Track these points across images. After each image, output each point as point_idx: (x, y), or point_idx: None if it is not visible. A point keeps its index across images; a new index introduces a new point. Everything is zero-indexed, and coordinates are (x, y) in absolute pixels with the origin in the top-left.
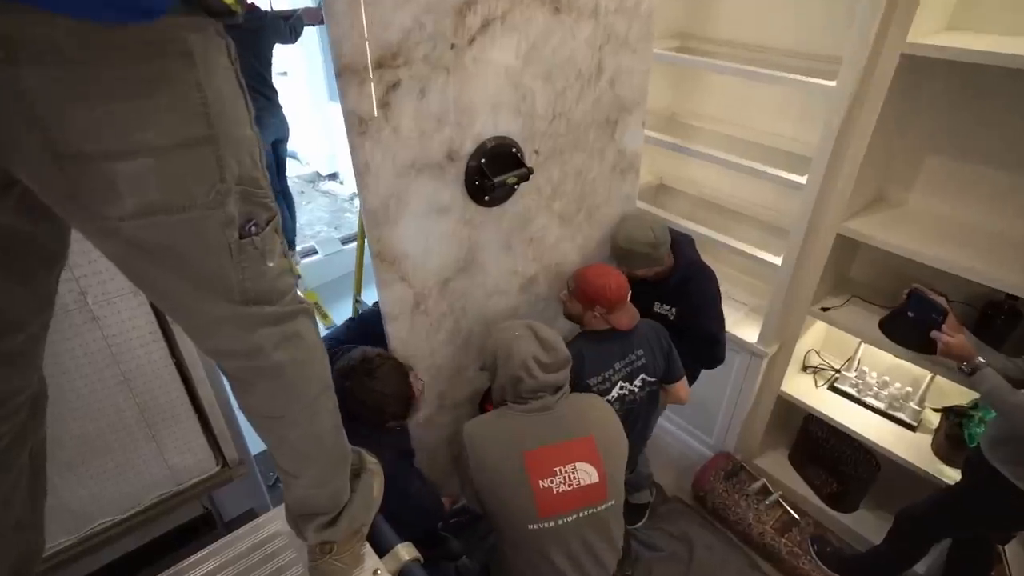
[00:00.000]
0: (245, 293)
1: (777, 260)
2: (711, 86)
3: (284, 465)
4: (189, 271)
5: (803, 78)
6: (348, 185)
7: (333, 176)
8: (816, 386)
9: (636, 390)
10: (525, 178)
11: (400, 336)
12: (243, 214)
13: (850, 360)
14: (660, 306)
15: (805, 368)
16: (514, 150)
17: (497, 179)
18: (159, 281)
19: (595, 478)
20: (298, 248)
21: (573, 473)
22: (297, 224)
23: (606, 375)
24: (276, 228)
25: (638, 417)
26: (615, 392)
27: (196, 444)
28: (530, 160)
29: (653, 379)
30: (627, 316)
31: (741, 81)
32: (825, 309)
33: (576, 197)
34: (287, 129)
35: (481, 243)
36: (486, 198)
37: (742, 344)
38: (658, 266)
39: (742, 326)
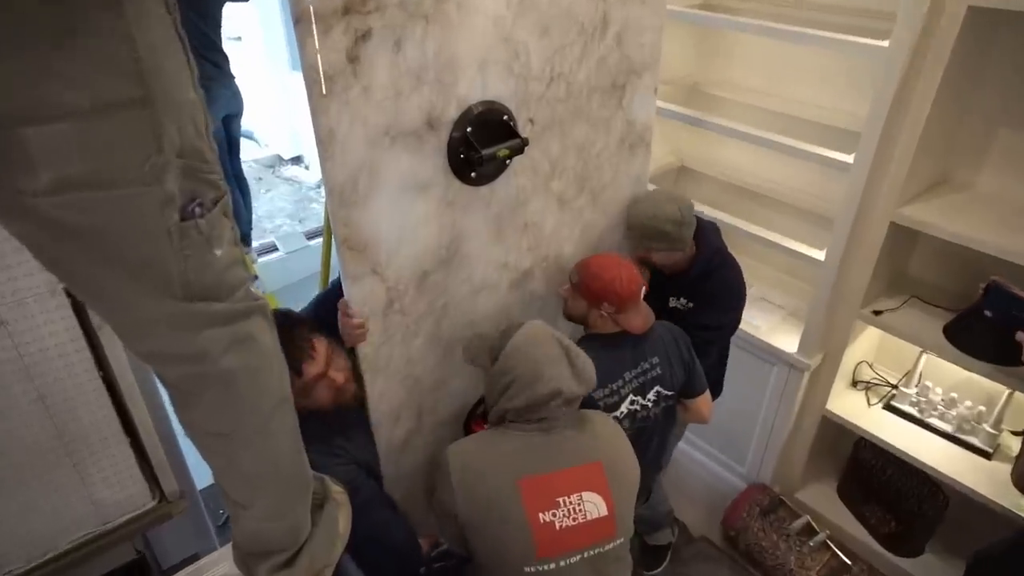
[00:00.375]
0: (188, 287)
1: (820, 254)
2: (740, 49)
3: (233, 493)
4: (120, 259)
5: (850, 38)
6: (314, 171)
7: (297, 160)
8: (869, 405)
9: (649, 405)
10: (519, 151)
11: (371, 341)
12: (185, 192)
13: (909, 374)
14: (676, 300)
15: (855, 383)
16: (505, 117)
17: (486, 151)
18: (84, 271)
19: (604, 511)
20: (254, 244)
21: (579, 505)
22: (253, 216)
23: (614, 387)
24: (225, 210)
25: (652, 437)
26: (624, 407)
27: (128, 474)
28: (524, 130)
29: (670, 392)
30: (640, 317)
31: (776, 43)
32: (878, 312)
33: (578, 176)
34: (241, 103)
35: (466, 229)
36: (472, 174)
37: (779, 355)
38: (680, 251)
39: (779, 333)
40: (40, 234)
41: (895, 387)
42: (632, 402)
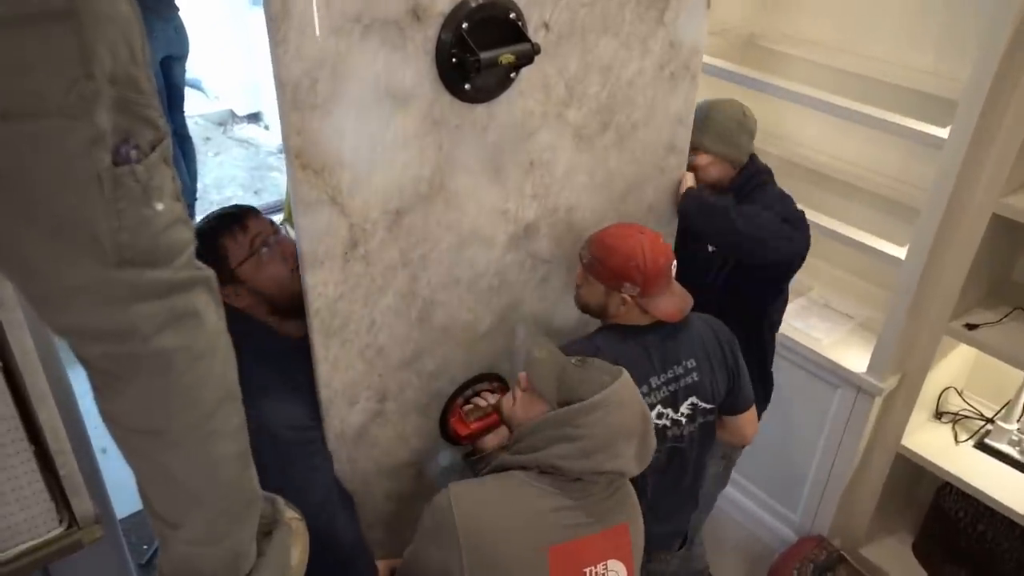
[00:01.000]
0: (120, 248)
1: (901, 252)
2: None
3: (160, 507)
4: (38, 211)
5: None
6: (275, 132)
7: (254, 118)
8: (956, 441)
9: (683, 421)
10: (527, 59)
11: (324, 293)
12: (118, 130)
13: (1010, 405)
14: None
15: (939, 414)
16: (513, 16)
17: (484, 55)
18: None
19: (623, 574)
20: (199, 218)
21: (605, 572)
22: (199, 184)
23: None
24: (165, 156)
25: (686, 463)
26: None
27: (29, 491)
28: (536, 35)
29: (709, 406)
30: (673, 300)
31: None
32: (972, 327)
33: (601, 107)
34: (185, 43)
35: (456, 160)
36: (467, 86)
37: (844, 375)
38: (734, 165)
39: (844, 348)
40: None
41: (990, 421)
42: (660, 416)
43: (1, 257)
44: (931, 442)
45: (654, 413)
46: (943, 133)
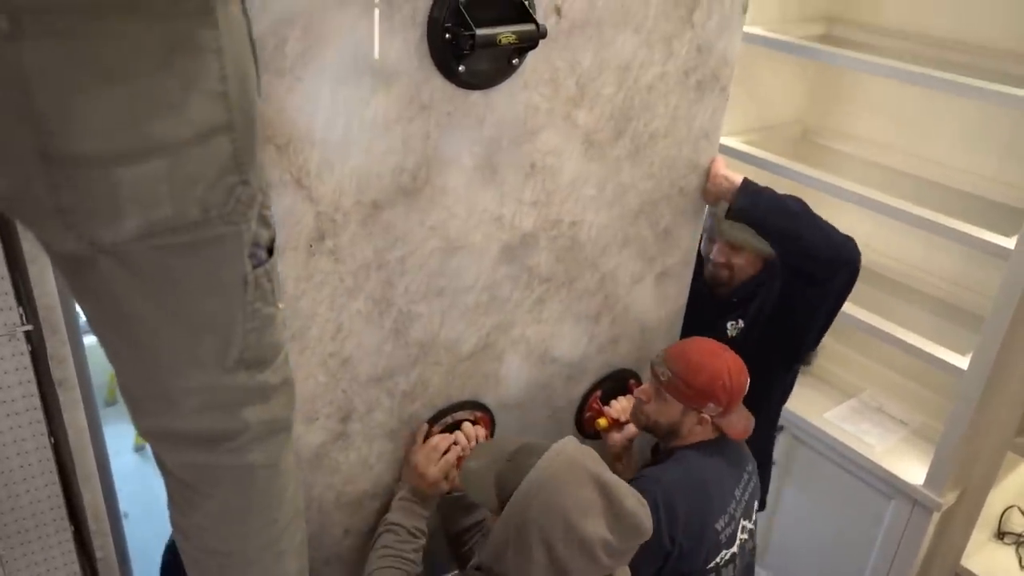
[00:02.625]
0: (245, 350)
1: (963, 361)
2: (865, 93)
3: None
4: (184, 311)
5: (1016, 91)
6: None
7: None
8: (1021, 565)
9: (752, 527)
10: (531, 43)
11: (285, 289)
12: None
13: None
14: (733, 323)
15: (1002, 535)
16: None
17: (481, 32)
18: (142, 329)
19: None
20: None
21: None
22: None
23: (731, 512)
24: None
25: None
26: (739, 538)
27: (63, 573)
28: (547, 21)
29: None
30: (743, 418)
31: (914, 91)
32: None
33: (617, 111)
34: None
35: (444, 152)
36: (461, 68)
37: (899, 486)
38: (761, 259)
39: (899, 457)
40: (105, 286)
41: None
42: (743, 530)
43: (126, 355)
44: (993, 564)
45: (740, 529)
46: (1009, 243)
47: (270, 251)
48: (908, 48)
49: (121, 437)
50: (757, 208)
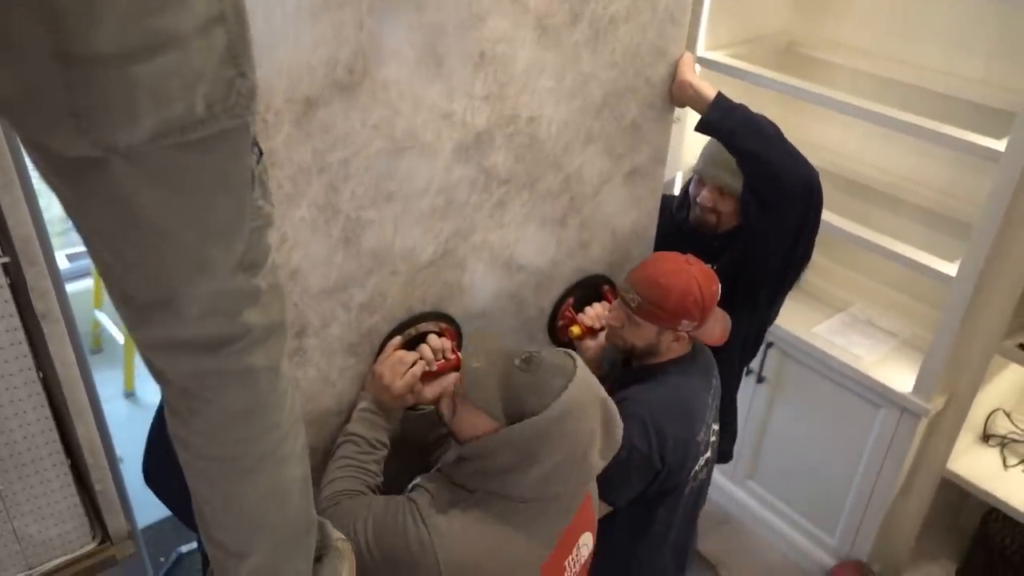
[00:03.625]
0: (246, 252)
1: (951, 268)
2: (852, 1)
3: (224, 537)
4: (197, 214)
5: None
6: None
7: None
8: (1005, 466)
9: (717, 428)
10: None
11: None
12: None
13: None
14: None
15: (987, 437)
16: None
17: None
18: (149, 230)
19: (591, 544)
20: None
21: (577, 554)
22: None
23: (707, 423)
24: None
25: (702, 492)
26: (710, 443)
27: (64, 505)
28: None
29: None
30: (719, 323)
31: None
32: None
33: None
34: None
35: (383, 43)
36: None
37: (888, 394)
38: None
39: (887, 367)
40: (112, 194)
41: None
42: (713, 432)
43: (132, 262)
44: (978, 466)
45: (711, 433)
46: (999, 145)
47: (259, 148)
48: None
49: (109, 383)
50: (728, 124)
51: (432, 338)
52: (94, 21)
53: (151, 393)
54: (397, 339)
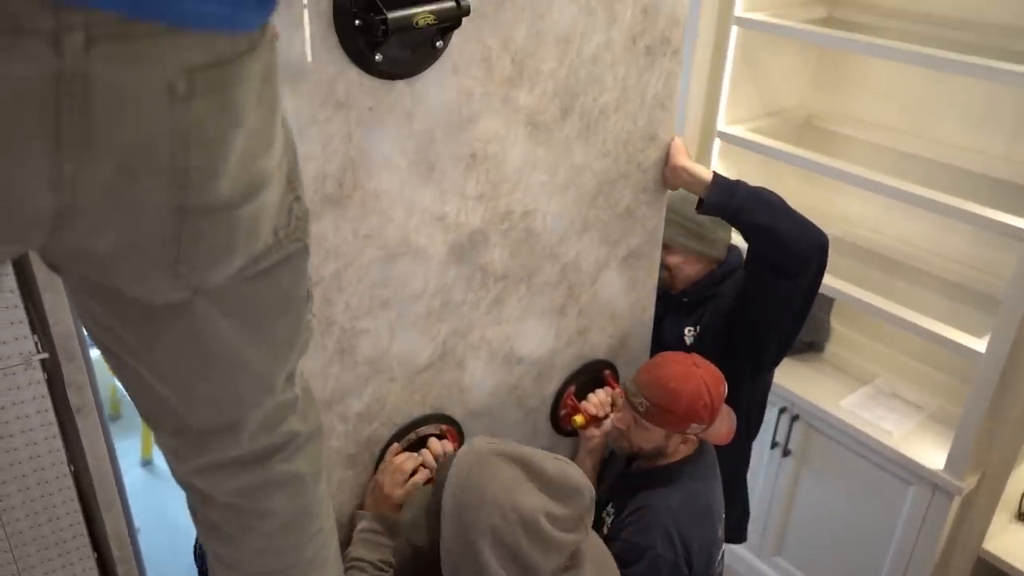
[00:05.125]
0: (295, 365)
1: (980, 344)
2: (870, 77)
3: None
4: (267, 338)
5: None
6: None
7: None
8: None
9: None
10: (453, 21)
11: None
12: None
13: None
14: (692, 330)
15: (1022, 516)
16: None
17: (394, 15)
18: (223, 361)
19: None
20: None
21: None
22: None
23: (721, 525)
24: None
25: None
26: (722, 549)
27: None
28: None
29: None
30: (726, 419)
31: (918, 71)
32: None
33: (560, 87)
34: None
35: (372, 153)
36: (378, 57)
37: (919, 472)
38: (707, 258)
39: (917, 442)
40: (193, 330)
41: None
42: (722, 523)
43: (201, 394)
44: (1015, 545)
45: (722, 535)
46: (1021, 223)
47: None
48: (910, 28)
49: (127, 453)
50: (734, 203)
51: (433, 442)
52: (215, 176)
53: None
54: (396, 445)
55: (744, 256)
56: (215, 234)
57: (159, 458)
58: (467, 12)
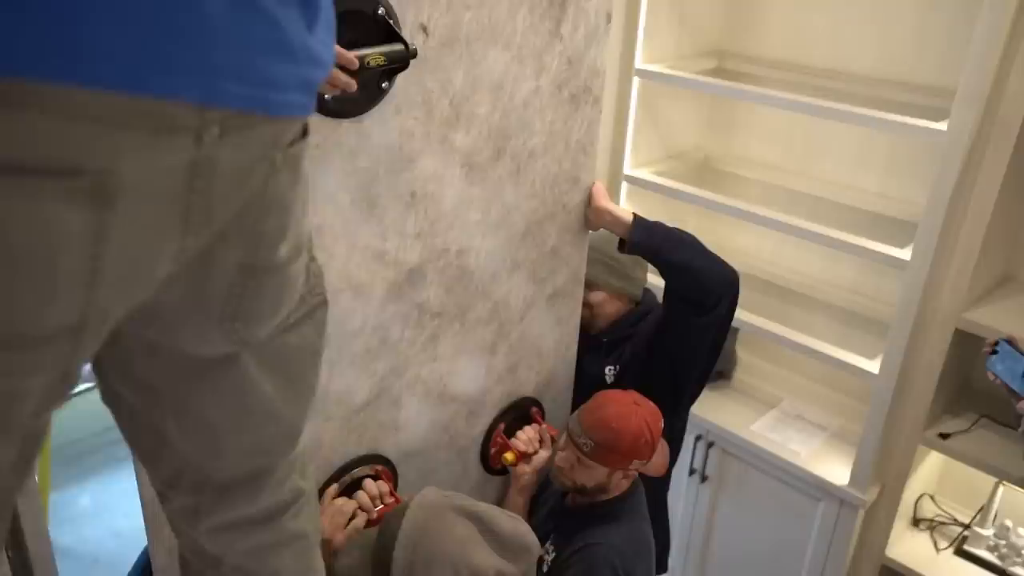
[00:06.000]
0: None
1: (872, 366)
2: (761, 121)
3: None
4: (296, 389)
5: (901, 118)
6: None
7: None
8: (937, 549)
9: None
10: (401, 63)
11: None
12: None
13: (984, 510)
14: (612, 368)
15: (917, 522)
16: (382, 12)
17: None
18: (258, 413)
19: None
20: None
21: None
22: None
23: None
24: None
25: None
26: None
27: None
28: (414, 39)
29: None
30: (662, 454)
31: (802, 117)
32: (945, 436)
33: (494, 130)
34: None
35: (318, 188)
36: (327, 95)
37: (826, 488)
38: (626, 295)
39: (823, 460)
40: (234, 382)
41: (967, 527)
42: None
43: (231, 446)
44: (913, 551)
45: None
46: (903, 254)
47: None
48: (789, 78)
49: None
50: (653, 241)
51: (368, 483)
52: (283, 238)
53: None
54: (333, 488)
55: (657, 298)
56: (270, 291)
57: None
58: (415, 55)
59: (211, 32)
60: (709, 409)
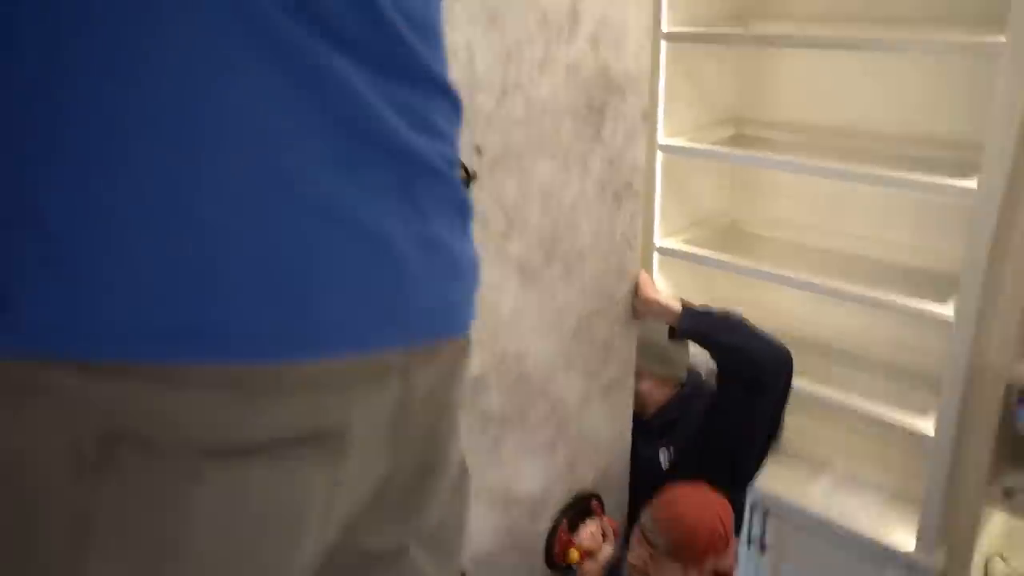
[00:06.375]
0: None
1: (927, 426)
2: (784, 183)
3: None
4: (449, 567)
5: (928, 178)
6: None
7: None
8: None
9: None
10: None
11: None
12: None
13: None
14: (665, 452)
15: None
16: None
17: None
18: None
19: None
20: None
21: None
22: None
23: None
24: None
25: None
26: None
27: None
28: (470, 160)
29: None
30: (735, 551)
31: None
32: (1009, 493)
33: (545, 236)
34: None
35: None
36: None
37: (891, 554)
38: (671, 378)
39: (884, 523)
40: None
41: None
42: None
43: None
44: None
45: None
46: (946, 310)
47: None
48: (809, 139)
49: None
50: (703, 328)
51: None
52: (453, 435)
53: None
54: None
55: (700, 377)
56: (441, 482)
57: None
58: (475, 178)
59: (412, 283)
60: (761, 476)
